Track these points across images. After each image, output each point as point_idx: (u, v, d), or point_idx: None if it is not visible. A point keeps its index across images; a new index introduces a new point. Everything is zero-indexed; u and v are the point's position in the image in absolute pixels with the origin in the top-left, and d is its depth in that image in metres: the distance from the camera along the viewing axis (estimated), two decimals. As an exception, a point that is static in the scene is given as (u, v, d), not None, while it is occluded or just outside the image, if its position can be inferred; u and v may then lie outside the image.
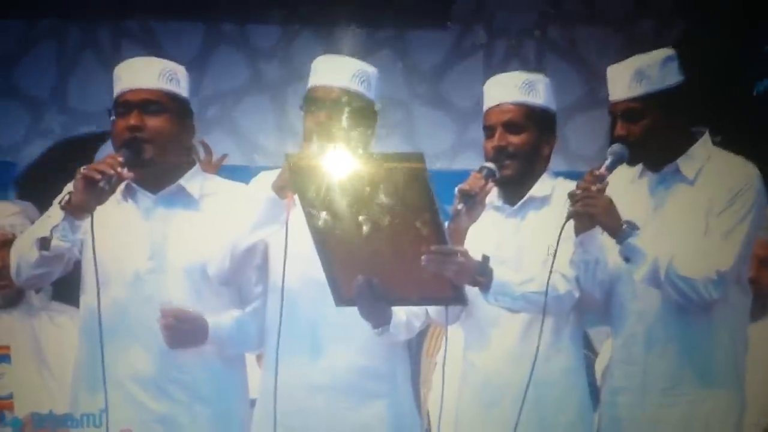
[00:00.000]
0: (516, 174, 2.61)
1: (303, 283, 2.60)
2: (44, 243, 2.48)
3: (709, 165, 2.61)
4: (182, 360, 2.59)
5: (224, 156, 3.52)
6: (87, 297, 2.62)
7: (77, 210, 2.48)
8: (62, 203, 2.49)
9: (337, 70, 2.63)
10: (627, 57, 2.65)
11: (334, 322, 2.58)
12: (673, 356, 2.57)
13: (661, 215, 2.61)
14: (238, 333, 2.62)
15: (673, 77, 2.61)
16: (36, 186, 3.85)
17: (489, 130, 2.64)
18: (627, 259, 2.51)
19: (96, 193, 2.46)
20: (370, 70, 2.67)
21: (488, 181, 2.56)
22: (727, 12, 4.10)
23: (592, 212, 2.49)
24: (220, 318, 2.61)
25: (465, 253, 2.45)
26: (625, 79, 2.59)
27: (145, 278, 2.59)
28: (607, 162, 2.55)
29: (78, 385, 2.62)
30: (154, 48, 4.25)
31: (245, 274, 2.64)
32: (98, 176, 2.46)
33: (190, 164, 2.70)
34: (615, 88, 2.62)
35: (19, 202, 3.11)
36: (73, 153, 4.01)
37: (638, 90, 2.57)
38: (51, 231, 2.48)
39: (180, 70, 2.67)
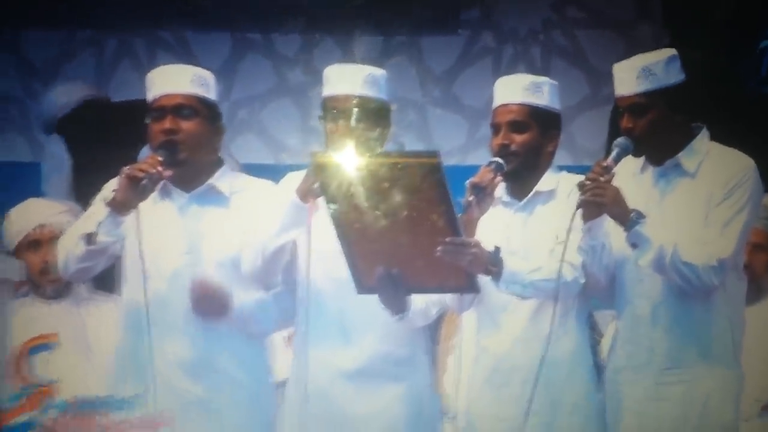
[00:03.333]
0: (518, 168, 2.59)
1: (328, 278, 2.61)
2: (91, 238, 2.51)
3: (709, 159, 2.59)
4: (216, 347, 2.60)
5: None
6: (130, 289, 2.63)
7: (121, 207, 2.50)
8: (107, 200, 2.51)
9: (348, 78, 2.63)
10: (627, 58, 2.60)
11: (358, 313, 2.59)
12: (674, 337, 2.55)
13: (663, 206, 2.59)
14: (261, 312, 2.64)
15: (676, 75, 2.59)
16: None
17: (495, 128, 2.63)
18: (634, 246, 2.49)
19: (139, 190, 2.48)
20: (379, 73, 2.66)
21: (497, 174, 2.56)
22: (721, 13, 4.04)
23: (601, 201, 2.46)
24: (245, 296, 2.61)
25: (478, 244, 2.44)
26: (632, 75, 2.56)
27: (182, 271, 2.60)
28: (614, 153, 2.54)
29: (121, 370, 2.63)
30: (186, 57, 4.24)
31: (275, 271, 2.64)
32: (141, 174, 2.48)
33: (220, 164, 2.70)
34: (621, 84, 2.59)
35: (65, 202, 3.11)
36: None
37: (645, 86, 2.55)
38: (97, 227, 2.48)
39: (209, 76, 2.69)
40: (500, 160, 2.56)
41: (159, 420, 2.40)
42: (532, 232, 2.61)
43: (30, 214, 3.04)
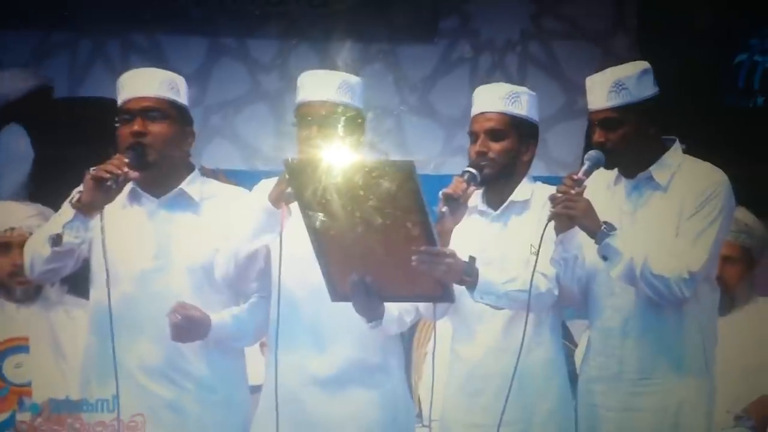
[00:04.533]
0: (495, 176, 2.61)
1: (301, 284, 2.61)
2: (56, 240, 2.50)
3: (680, 172, 2.62)
4: (186, 351, 2.60)
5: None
6: (96, 292, 2.63)
7: (87, 208, 2.50)
8: (72, 202, 2.50)
9: (323, 85, 2.63)
10: (603, 69, 2.64)
11: (332, 319, 2.59)
12: (646, 348, 2.58)
13: (635, 219, 2.62)
14: (238, 330, 2.63)
15: (648, 89, 2.61)
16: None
17: (473, 136, 2.66)
18: (605, 258, 2.52)
19: (104, 191, 2.48)
20: (354, 80, 2.67)
21: (470, 184, 2.58)
22: (698, 26, 4.11)
23: (571, 214, 2.49)
24: (222, 316, 2.61)
25: (453, 254, 2.46)
26: (604, 89, 2.59)
27: (150, 276, 2.60)
28: (585, 167, 2.56)
29: (89, 373, 2.63)
30: (160, 61, 4.23)
31: (249, 276, 2.65)
32: (106, 176, 2.48)
33: (190, 169, 2.70)
34: (594, 98, 2.62)
35: (36, 205, 3.11)
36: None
37: (617, 100, 2.58)
38: (63, 228, 2.49)
39: (179, 80, 2.69)
40: (473, 171, 2.58)
41: (131, 424, 2.41)
42: (506, 242, 2.63)
43: (0, 217, 3.03)
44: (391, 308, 2.58)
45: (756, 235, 3.27)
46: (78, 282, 2.83)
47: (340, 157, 2.43)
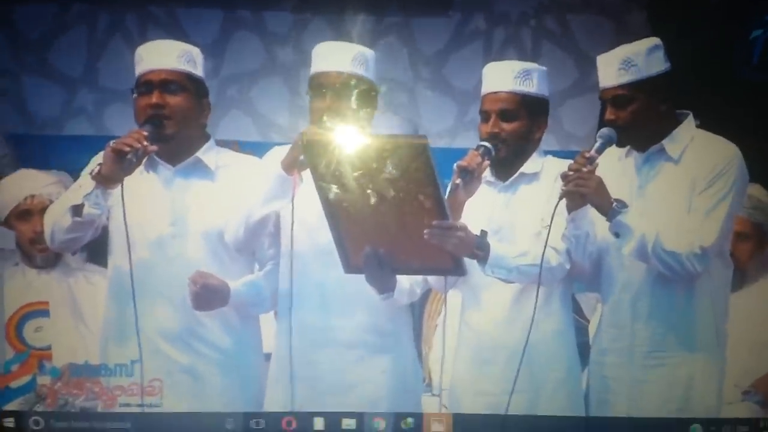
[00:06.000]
0: (508, 156, 2.63)
1: (312, 250, 2.63)
2: (77, 210, 2.54)
3: (693, 145, 2.62)
4: (203, 316, 2.63)
5: None
6: (115, 258, 2.67)
7: (107, 180, 2.53)
8: (93, 174, 2.54)
9: (337, 56, 2.65)
10: (618, 44, 2.63)
11: (342, 284, 2.61)
12: (657, 322, 2.60)
13: (647, 193, 2.63)
14: (255, 297, 2.67)
15: (658, 65, 2.61)
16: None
17: (485, 115, 2.66)
18: (617, 235, 2.53)
19: (124, 164, 2.51)
20: (368, 52, 2.68)
21: (485, 158, 2.58)
22: (714, 2, 4.07)
23: (583, 192, 2.50)
24: (240, 283, 2.65)
25: (465, 228, 2.47)
26: (614, 67, 2.59)
27: (167, 242, 2.64)
28: (597, 144, 2.56)
29: (107, 338, 2.68)
30: (177, 33, 4.24)
31: (258, 241, 2.68)
32: (126, 149, 2.51)
33: (206, 138, 2.72)
34: (604, 76, 2.62)
35: (56, 172, 3.15)
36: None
37: (626, 77, 2.58)
38: (83, 199, 2.52)
39: (196, 52, 2.72)
40: (488, 145, 2.59)
41: (148, 388, 2.44)
42: (514, 212, 2.65)
43: (21, 185, 3.07)
44: (403, 280, 2.61)
45: (769, 212, 3.25)
46: (97, 250, 2.87)
47: (353, 131, 2.44)
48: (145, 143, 2.52)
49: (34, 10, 4.32)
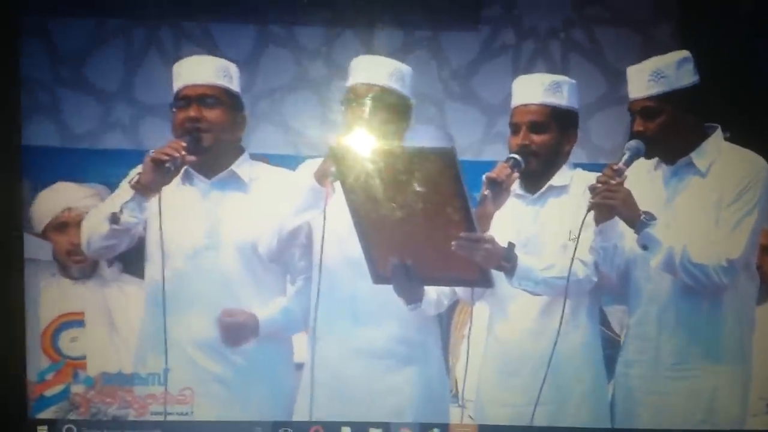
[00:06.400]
0: (538, 168, 2.64)
1: (342, 261, 2.67)
2: (115, 218, 2.60)
3: (721, 159, 2.63)
4: None
5: None
6: (151, 269, 2.73)
7: (145, 189, 2.59)
8: (132, 182, 2.59)
9: (376, 69, 2.69)
10: (646, 57, 2.64)
11: (371, 295, 2.64)
12: (683, 334, 2.61)
13: (674, 206, 2.63)
14: (288, 322, 2.72)
15: (688, 77, 2.62)
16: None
17: (515, 127, 2.67)
18: (645, 248, 2.53)
19: (163, 173, 2.58)
20: (405, 69, 2.72)
21: (514, 170, 2.60)
22: (742, 12, 4.05)
23: (611, 204, 2.51)
24: (270, 311, 2.69)
25: (492, 240, 2.49)
26: (643, 79, 2.60)
27: (202, 253, 2.69)
28: (625, 157, 2.57)
29: (143, 347, 2.72)
30: (210, 48, 4.28)
31: (291, 252, 2.72)
32: (165, 158, 2.58)
33: (241, 152, 2.76)
34: (633, 88, 2.63)
35: (93, 185, 3.20)
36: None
37: (655, 89, 2.59)
38: (121, 207, 2.58)
39: (232, 67, 2.77)
40: (518, 157, 2.61)
41: (180, 397, 2.48)
42: (543, 225, 2.66)
43: (58, 197, 3.13)
44: (430, 291, 2.63)
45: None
46: (132, 261, 2.92)
47: (382, 143, 2.47)
48: (184, 153, 2.57)
49: (70, 25, 4.41)
